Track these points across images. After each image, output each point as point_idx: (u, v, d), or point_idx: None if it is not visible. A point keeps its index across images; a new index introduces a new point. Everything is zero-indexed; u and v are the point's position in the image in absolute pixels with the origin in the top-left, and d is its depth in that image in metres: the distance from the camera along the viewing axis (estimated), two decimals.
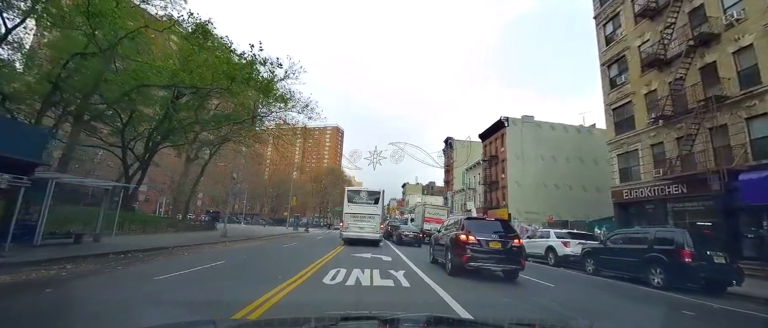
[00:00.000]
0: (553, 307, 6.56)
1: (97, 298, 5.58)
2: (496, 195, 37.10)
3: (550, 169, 34.82)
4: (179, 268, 8.65)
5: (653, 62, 17.19)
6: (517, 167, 34.62)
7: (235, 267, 9.65)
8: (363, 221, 20.40)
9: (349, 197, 21.72)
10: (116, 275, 7.59)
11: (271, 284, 6.80)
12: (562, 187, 34.60)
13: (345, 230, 20.76)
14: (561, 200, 33.86)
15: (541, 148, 35.23)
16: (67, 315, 4.61)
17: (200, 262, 9.97)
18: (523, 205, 33.81)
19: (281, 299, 5.71)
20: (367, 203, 21.27)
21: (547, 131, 36.20)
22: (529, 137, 35.48)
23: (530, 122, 36.21)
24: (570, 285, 10.35)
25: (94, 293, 5.98)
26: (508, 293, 7.76)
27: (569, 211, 32.58)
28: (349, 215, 20.99)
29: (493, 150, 38.41)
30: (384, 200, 22.60)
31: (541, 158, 35.04)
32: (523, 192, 34.15)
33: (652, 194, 17.00)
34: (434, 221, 28.45)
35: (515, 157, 34.85)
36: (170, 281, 7.09)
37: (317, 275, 8.30)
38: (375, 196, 21.52)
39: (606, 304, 7.74)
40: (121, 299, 5.46)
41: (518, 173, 34.48)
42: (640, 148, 18.04)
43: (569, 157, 35.38)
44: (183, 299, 5.62)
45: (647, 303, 8.07)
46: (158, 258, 10.68)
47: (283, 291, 6.30)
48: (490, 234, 9.50)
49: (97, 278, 7.09)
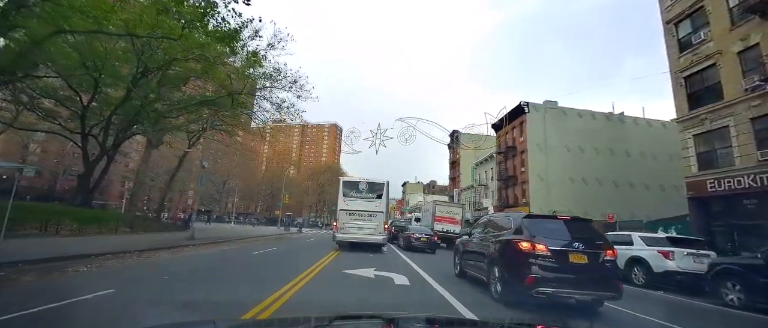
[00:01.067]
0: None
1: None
2: (514, 192, 32.60)
3: (578, 161, 30.35)
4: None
5: (754, 7, 12.71)
6: (539, 159, 30.15)
7: (115, 305, 5.08)
8: (362, 220, 16.29)
9: (344, 190, 17.28)
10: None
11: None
12: (592, 182, 30.14)
13: (339, 231, 16.38)
14: (591, 197, 29.37)
15: (567, 138, 30.76)
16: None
17: (77, 289, 5.46)
18: (546, 202, 29.30)
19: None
20: (367, 198, 16.81)
21: (573, 119, 31.74)
22: (552, 125, 31.01)
23: (554, 108, 31.74)
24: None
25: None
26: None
27: (598, 210, 28.12)
28: (345, 212, 16.59)
29: (509, 140, 33.93)
30: (389, 193, 18.12)
31: (567, 149, 30.58)
32: (547, 188, 29.67)
33: (756, 184, 12.50)
34: (447, 220, 24.61)
35: (537, 148, 30.38)
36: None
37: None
38: (377, 188, 17.07)
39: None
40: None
41: (541, 166, 30.01)
42: (733, 125, 13.54)
43: (599, 149, 30.91)
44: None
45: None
46: (27, 277, 6.24)
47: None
48: (568, 241, 6.00)
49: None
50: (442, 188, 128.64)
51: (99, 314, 4.56)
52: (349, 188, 17.41)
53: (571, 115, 31.81)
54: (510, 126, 34.10)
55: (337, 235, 16.42)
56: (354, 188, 17.33)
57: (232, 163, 73.19)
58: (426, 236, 18.64)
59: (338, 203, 17.46)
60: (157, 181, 60.89)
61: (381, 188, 17.21)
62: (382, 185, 17.29)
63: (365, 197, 16.93)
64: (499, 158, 35.94)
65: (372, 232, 16.12)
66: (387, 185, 17.58)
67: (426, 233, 19.05)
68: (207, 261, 10.74)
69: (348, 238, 16.10)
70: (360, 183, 17.68)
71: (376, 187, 17.21)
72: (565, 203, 29.20)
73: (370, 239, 15.97)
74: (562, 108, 31.96)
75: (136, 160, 58.53)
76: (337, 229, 16.70)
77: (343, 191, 17.25)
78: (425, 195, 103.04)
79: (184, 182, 71.63)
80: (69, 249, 9.79)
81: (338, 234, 16.42)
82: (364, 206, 16.52)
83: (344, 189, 17.33)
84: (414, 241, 18.14)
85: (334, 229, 17.04)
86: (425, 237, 18.44)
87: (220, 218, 73.50)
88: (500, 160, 35.80)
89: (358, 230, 16.23)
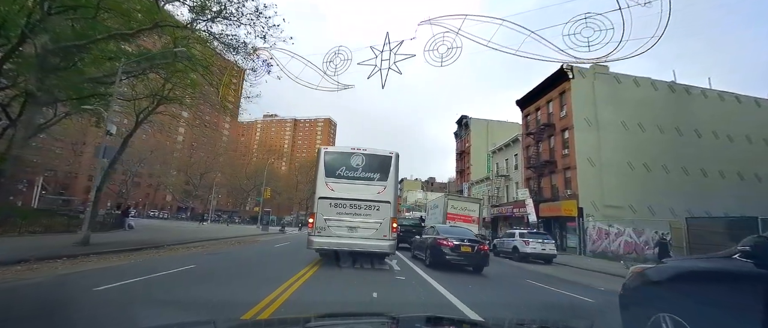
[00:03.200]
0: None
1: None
2: (552, 181, 25.51)
3: (637, 142, 23.41)
4: None
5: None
6: (588, 138, 23.12)
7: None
8: (355, 216, 9.93)
9: (328, 166, 10.41)
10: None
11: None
12: (656, 168, 23.21)
13: (318, 233, 9.78)
14: (656, 188, 22.46)
15: (623, 112, 23.79)
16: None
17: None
18: (599, 194, 22.30)
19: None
20: (364, 179, 10.19)
21: (629, 88, 24.76)
22: (604, 96, 24.02)
23: (604, 74, 24.70)
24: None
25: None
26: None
27: (666, 203, 21.27)
28: (329, 202, 9.95)
29: (544, 117, 26.83)
30: (398, 172, 11.01)
31: (624, 126, 23.59)
32: (600, 175, 22.64)
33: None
34: (461, 219, 19.77)
35: (585, 124, 23.34)
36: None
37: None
38: (381, 165, 10.37)
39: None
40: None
41: (591, 148, 22.98)
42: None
43: (663, 126, 23.98)
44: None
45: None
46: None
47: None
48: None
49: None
50: (441, 186, 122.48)
51: None
52: (335, 163, 10.44)
53: (627, 84, 24.81)
54: (544, 98, 27.01)
55: (313, 239, 9.71)
56: (343, 164, 10.38)
57: (209, 153, 65.49)
58: (469, 242, 10.60)
59: (317, 187, 10.29)
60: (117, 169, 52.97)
61: (387, 165, 10.36)
62: (388, 160, 10.43)
63: (362, 178, 10.17)
64: (528, 141, 28.86)
65: (372, 234, 9.66)
66: (396, 160, 10.52)
67: (468, 238, 11.00)
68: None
69: (332, 244, 9.63)
70: (354, 155, 10.55)
71: (379, 162, 10.39)
72: (625, 194, 22.23)
73: (367, 246, 9.59)
74: (614, 74, 24.92)
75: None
76: (314, 229, 9.80)
77: (326, 168, 10.32)
78: (425, 192, 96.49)
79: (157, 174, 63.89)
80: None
81: (316, 238, 9.69)
82: (360, 192, 10.02)
83: (327, 165, 10.37)
84: (448, 252, 10.27)
85: (310, 228, 10.01)
86: (468, 245, 10.44)
87: (197, 216, 65.84)
88: (529, 144, 28.72)
89: (349, 231, 9.73)
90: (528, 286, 9.08)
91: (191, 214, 65.10)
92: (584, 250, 21.65)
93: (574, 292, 8.36)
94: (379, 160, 10.40)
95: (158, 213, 68.46)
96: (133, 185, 71.96)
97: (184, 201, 69.57)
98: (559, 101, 25.14)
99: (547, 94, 26.56)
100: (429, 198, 79.86)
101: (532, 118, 28.69)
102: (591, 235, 21.62)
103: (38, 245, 10.57)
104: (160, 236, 17.24)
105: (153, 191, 79.82)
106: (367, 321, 2.58)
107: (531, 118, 28.93)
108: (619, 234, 21.02)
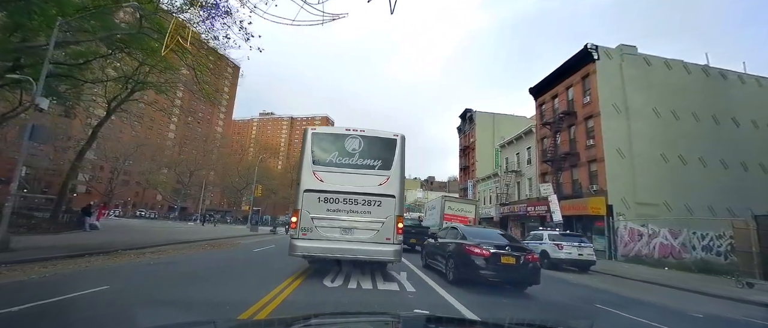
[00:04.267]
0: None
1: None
2: (575, 175, 22.78)
3: (671, 131, 20.78)
4: None
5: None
6: (617, 127, 20.42)
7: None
8: (350, 214, 7.86)
9: (316, 151, 8.33)
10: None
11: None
12: (692, 161, 20.57)
13: (302, 237, 7.56)
14: (693, 183, 19.84)
15: (654, 98, 21.15)
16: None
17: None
18: (631, 190, 19.62)
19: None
20: (362, 166, 8.18)
21: (660, 71, 22.08)
22: (633, 79, 21.33)
23: (632, 55, 22.02)
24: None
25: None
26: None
27: (704, 200, 18.73)
28: (317, 197, 7.87)
29: (562, 105, 24.11)
30: (405, 160, 8.47)
31: (656, 114, 20.95)
32: (631, 168, 19.96)
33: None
34: (459, 219, 19.71)
35: (614, 111, 20.64)
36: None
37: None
38: (383, 150, 8.30)
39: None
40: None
41: (620, 138, 20.29)
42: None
43: (698, 114, 21.35)
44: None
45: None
46: None
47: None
48: None
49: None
50: (440, 185, 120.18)
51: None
52: (325, 147, 8.32)
53: (657, 66, 22.12)
54: (562, 84, 24.30)
55: (297, 242, 7.52)
56: (336, 148, 8.25)
57: (199, 150, 62.50)
58: (512, 250, 7.44)
59: (302, 177, 8.00)
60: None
61: (390, 149, 8.23)
62: (392, 143, 8.31)
63: (359, 166, 8.08)
64: (544, 132, 26.14)
65: (371, 237, 7.65)
66: (402, 145, 8.34)
67: (509, 244, 7.68)
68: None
69: (321, 249, 7.50)
70: (349, 138, 8.32)
71: (382, 146, 8.29)
72: (658, 190, 19.59)
73: (366, 253, 7.55)
74: (643, 56, 22.22)
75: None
76: (298, 230, 7.56)
77: (314, 154, 8.19)
78: (425, 191, 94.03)
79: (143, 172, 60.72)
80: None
81: (300, 242, 7.50)
82: (357, 183, 7.95)
83: (316, 150, 8.25)
84: (482, 264, 7.13)
85: (293, 228, 7.70)
86: (511, 255, 7.29)
87: (187, 216, 62.84)
88: (545, 135, 26.00)
89: (343, 233, 7.67)
90: (606, 315, 6.31)
91: (181, 214, 62.08)
92: (615, 254, 18.97)
93: (670, 323, 5.68)
94: (381, 143, 8.25)
95: (147, 213, 65.32)
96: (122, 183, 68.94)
97: (174, 200, 66.50)
98: (582, 86, 22.43)
99: (566, 79, 23.85)
100: (429, 197, 77.45)
101: (548, 107, 25.98)
102: (622, 236, 18.93)
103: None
104: (124, 238, 14.48)
105: (142, 190, 76.60)
106: (367, 320, 2.60)
107: (547, 107, 26.22)
108: (653, 235, 18.37)
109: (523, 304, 6.44)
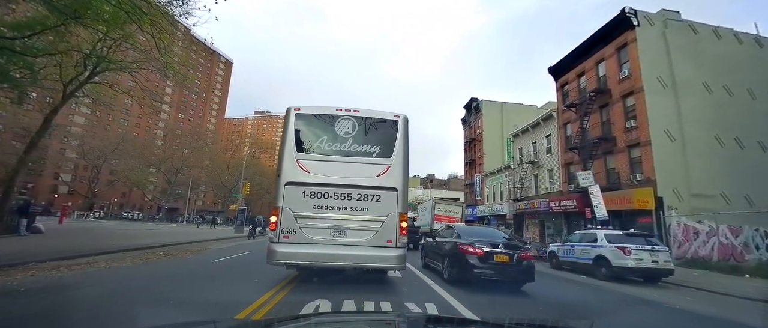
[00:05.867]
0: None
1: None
2: (608, 165, 19.51)
3: (725, 110, 17.56)
4: None
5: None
6: (663, 105, 17.20)
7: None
8: (343, 211, 6.17)
9: (301, 135, 6.72)
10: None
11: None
12: (750, 145, 17.39)
13: (283, 240, 5.98)
14: (754, 171, 16.67)
15: (704, 71, 17.95)
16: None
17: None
18: (684, 181, 16.40)
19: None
20: (356, 153, 6.63)
21: (709, 40, 18.88)
22: (680, 50, 18.11)
23: (677, 21, 18.81)
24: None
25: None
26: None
27: (765, 190, 15.60)
28: (302, 191, 6.23)
29: (591, 82, 20.84)
30: (408, 145, 6.85)
31: (707, 89, 17.74)
32: (683, 154, 16.74)
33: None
34: (447, 219, 21.25)
35: (659, 86, 17.41)
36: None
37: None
38: (383, 133, 6.79)
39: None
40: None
41: (668, 118, 17.07)
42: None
43: (755, 91, 18.19)
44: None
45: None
46: None
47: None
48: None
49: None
50: (441, 182, 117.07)
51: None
52: (312, 130, 6.85)
53: (705, 34, 18.90)
54: (591, 59, 21.05)
55: (277, 248, 6.08)
56: (325, 132, 6.80)
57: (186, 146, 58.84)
58: (505, 248, 7.28)
59: (283, 167, 6.48)
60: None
61: (391, 133, 6.86)
62: (393, 126, 6.93)
63: (353, 153, 6.69)
64: (568, 116, 22.88)
65: (369, 239, 6.20)
66: (405, 127, 6.94)
67: (502, 242, 7.51)
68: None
69: (307, 256, 6.03)
70: (341, 119, 6.89)
71: (381, 129, 6.88)
72: (715, 179, 16.38)
73: (363, 259, 6.08)
74: (688, 22, 19.00)
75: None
76: (278, 231, 6.14)
77: (298, 139, 6.69)
78: (424, 189, 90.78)
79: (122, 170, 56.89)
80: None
81: (281, 246, 6.09)
82: (351, 173, 6.49)
83: (300, 134, 6.76)
84: (476, 263, 7.02)
85: (272, 230, 6.23)
86: (504, 252, 7.16)
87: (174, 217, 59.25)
88: (569, 120, 22.75)
89: (335, 235, 6.15)
90: None
91: (167, 214, 58.40)
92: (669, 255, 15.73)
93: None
94: (379, 126, 6.90)
95: (132, 214, 61.48)
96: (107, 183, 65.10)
97: (160, 201, 62.74)
98: (617, 59, 19.17)
99: (596, 52, 20.59)
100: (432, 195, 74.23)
101: (573, 86, 22.72)
102: (676, 235, 15.72)
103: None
104: (57, 244, 11.21)
105: (129, 190, 72.74)
106: (367, 319, 2.65)
107: (570, 88, 22.96)
108: (710, 234, 15.23)
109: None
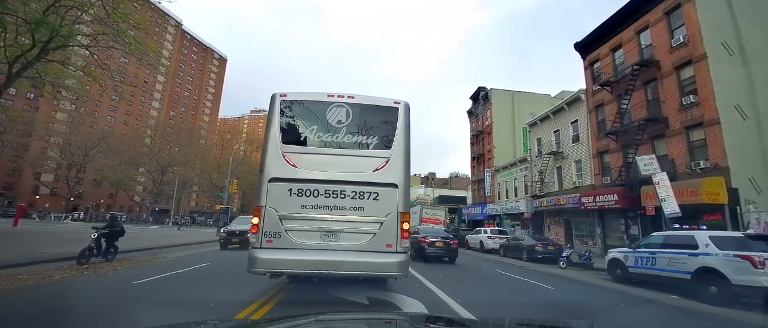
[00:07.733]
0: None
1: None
2: (658, 151, 16.23)
3: None
4: None
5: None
6: (730, 75, 13.95)
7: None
8: (335, 210, 4.96)
9: (288, 125, 5.20)
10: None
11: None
12: None
13: (266, 245, 4.73)
14: None
15: None
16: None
17: None
18: (762, 167, 13.16)
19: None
20: (351, 145, 5.22)
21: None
22: (745, 9, 14.84)
23: None
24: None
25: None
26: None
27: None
28: (288, 189, 4.98)
29: (631, 56, 17.58)
30: (410, 135, 5.12)
31: None
32: (758, 136, 13.49)
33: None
34: (432, 221, 25.53)
35: (725, 52, 14.17)
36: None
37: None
38: (382, 122, 5.33)
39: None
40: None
41: (738, 91, 13.83)
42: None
43: None
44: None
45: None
46: None
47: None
48: None
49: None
50: (441, 181, 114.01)
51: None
52: (300, 119, 5.28)
53: None
54: (631, 28, 17.81)
55: (259, 254, 4.72)
56: (316, 121, 5.25)
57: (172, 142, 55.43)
58: (442, 239, 13.62)
59: (266, 162, 4.93)
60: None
61: (391, 122, 5.39)
62: (392, 113, 5.44)
63: (347, 145, 5.26)
64: (601, 97, 19.64)
65: (366, 243, 4.92)
66: (406, 115, 5.45)
67: (441, 236, 13.98)
68: None
69: (295, 263, 4.77)
70: (334, 106, 5.30)
71: (379, 118, 5.41)
72: None
73: (359, 266, 4.80)
74: None
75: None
76: (261, 235, 4.74)
77: (284, 129, 5.19)
78: (426, 188, 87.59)
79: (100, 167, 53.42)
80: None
81: (264, 252, 4.73)
82: (345, 168, 5.17)
83: (287, 122, 5.24)
84: (426, 247, 13.22)
85: (253, 233, 4.78)
86: (441, 241, 13.50)
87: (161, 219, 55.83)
88: (602, 101, 19.51)
89: (326, 238, 4.91)
90: None
91: (153, 216, 55.04)
92: None
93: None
94: (377, 114, 5.45)
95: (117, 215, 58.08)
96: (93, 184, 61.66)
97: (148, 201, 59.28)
98: (666, 23, 15.94)
99: (636, 20, 17.36)
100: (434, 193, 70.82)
101: (606, 63, 19.48)
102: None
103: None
104: None
105: (115, 191, 69.19)
106: (367, 318, 2.59)
107: (603, 64, 19.72)
108: None
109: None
